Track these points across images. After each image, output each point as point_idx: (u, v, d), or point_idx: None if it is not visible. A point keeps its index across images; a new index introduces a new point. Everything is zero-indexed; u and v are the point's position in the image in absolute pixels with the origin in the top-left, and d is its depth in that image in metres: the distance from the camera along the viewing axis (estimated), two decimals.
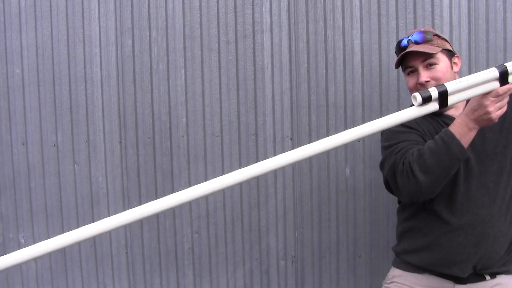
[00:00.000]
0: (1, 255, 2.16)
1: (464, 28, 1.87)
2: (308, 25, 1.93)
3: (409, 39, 1.42)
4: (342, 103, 1.94)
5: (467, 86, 1.17)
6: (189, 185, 2.02)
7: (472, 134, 1.25)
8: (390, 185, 1.40)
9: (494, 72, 1.18)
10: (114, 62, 2.01)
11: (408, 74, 1.45)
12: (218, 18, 1.97)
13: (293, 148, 1.96)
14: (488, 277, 1.40)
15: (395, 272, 1.52)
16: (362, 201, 1.95)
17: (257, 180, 1.99)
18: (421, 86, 1.38)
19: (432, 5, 1.87)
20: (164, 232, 2.04)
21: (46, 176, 2.06)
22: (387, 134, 1.46)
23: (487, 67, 1.86)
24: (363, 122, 1.91)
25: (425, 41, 1.40)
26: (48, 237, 2.07)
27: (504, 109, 1.22)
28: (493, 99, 1.18)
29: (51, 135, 2.05)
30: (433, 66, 1.39)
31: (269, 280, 2.02)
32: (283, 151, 1.96)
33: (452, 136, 1.25)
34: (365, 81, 1.92)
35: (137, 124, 2.01)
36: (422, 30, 1.44)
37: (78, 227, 2.06)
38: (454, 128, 1.26)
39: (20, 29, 2.04)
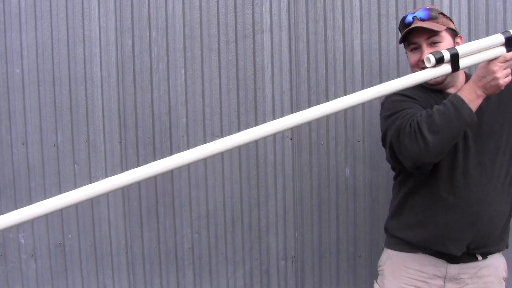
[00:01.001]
0: (1, 255, 2.17)
1: (464, 28, 1.87)
2: (308, 25, 1.93)
3: (414, 16, 1.41)
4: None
5: (475, 49, 1.21)
6: (189, 185, 2.02)
7: (479, 101, 1.27)
8: (394, 149, 1.36)
9: (500, 37, 1.22)
10: (114, 62, 2.01)
11: (411, 50, 1.44)
12: (218, 18, 1.97)
13: (293, 148, 1.96)
14: (480, 257, 1.41)
15: (388, 253, 1.53)
16: (362, 201, 1.96)
17: (257, 180, 1.99)
18: (422, 63, 1.38)
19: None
20: (164, 232, 2.04)
21: (46, 176, 2.06)
22: (389, 104, 1.45)
23: None
24: (363, 122, 1.93)
25: (430, 19, 1.40)
26: (48, 237, 2.09)
27: (510, 77, 1.24)
28: (501, 64, 1.21)
29: (51, 135, 2.05)
30: (436, 44, 1.39)
31: (269, 280, 2.02)
32: (283, 151, 1.97)
33: (461, 99, 1.25)
34: (365, 81, 1.92)
35: (137, 124, 2.01)
36: (428, 7, 1.43)
37: (78, 227, 2.07)
38: (462, 93, 1.27)
39: (20, 29, 2.04)
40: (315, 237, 1.98)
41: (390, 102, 1.45)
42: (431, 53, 1.19)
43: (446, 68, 1.21)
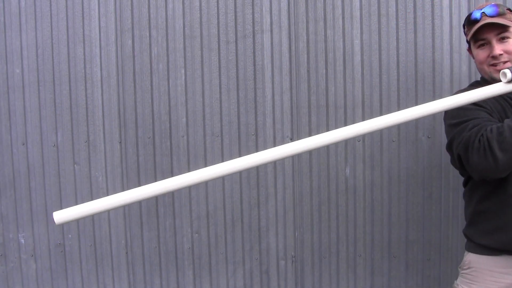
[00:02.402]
0: (1, 255, 2.18)
1: None
2: (308, 25, 1.93)
3: (482, 12, 1.40)
4: (342, 103, 1.94)
5: None
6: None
7: None
8: (463, 162, 1.37)
9: None
10: (114, 62, 2.01)
11: (479, 47, 1.43)
12: (218, 18, 1.97)
13: None
14: None
15: (470, 257, 1.50)
16: (362, 201, 1.95)
17: (257, 180, 1.99)
18: (493, 59, 1.39)
19: (432, 5, 1.87)
20: (164, 232, 2.04)
21: (46, 176, 2.06)
22: (453, 112, 1.43)
23: None
24: None
25: (498, 15, 1.39)
26: (48, 237, 2.09)
27: None
28: None
29: (51, 135, 2.06)
30: (506, 40, 1.38)
31: (269, 280, 2.02)
32: None
33: None
34: (365, 81, 1.92)
35: (137, 124, 2.01)
36: (495, 3, 1.42)
37: (78, 227, 2.07)
38: None
39: (20, 29, 2.04)
40: (315, 237, 1.98)
41: (455, 110, 1.42)
42: (508, 68, 1.15)
43: None
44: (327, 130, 1.94)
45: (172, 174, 2.01)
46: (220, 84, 1.98)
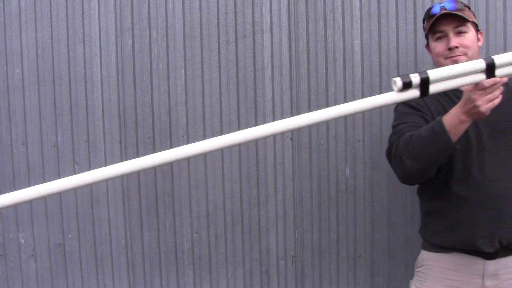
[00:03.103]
0: (1, 255, 2.17)
1: None
2: (308, 25, 1.93)
3: (442, 6, 1.42)
4: (342, 103, 1.93)
5: (451, 75, 1.13)
6: (189, 185, 2.02)
7: (464, 126, 1.25)
8: None
9: (480, 64, 1.14)
10: (114, 62, 2.01)
11: (436, 39, 1.45)
12: (218, 18, 1.97)
13: (293, 148, 1.96)
14: None
15: (423, 255, 1.53)
16: (362, 201, 1.95)
17: (257, 180, 1.99)
18: (449, 52, 1.40)
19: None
20: (164, 232, 2.04)
21: (46, 176, 2.06)
22: (395, 114, 1.48)
23: None
24: (363, 123, 1.93)
25: (457, 10, 1.41)
26: (48, 237, 2.09)
27: (496, 101, 1.19)
28: (480, 92, 1.16)
29: (51, 135, 2.05)
30: (463, 34, 1.40)
31: (269, 280, 2.02)
32: (283, 151, 1.97)
33: (442, 128, 1.25)
34: (365, 81, 1.92)
35: (137, 124, 2.01)
36: (455, 0, 1.44)
37: (78, 227, 2.07)
38: (447, 119, 1.26)
39: (20, 29, 2.04)
40: (315, 237, 1.98)
41: (396, 112, 1.48)
42: (399, 76, 1.13)
43: (413, 93, 1.12)
44: (327, 129, 1.94)
45: (172, 174, 2.01)
46: (220, 84, 1.98)
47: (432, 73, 1.12)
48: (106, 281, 2.09)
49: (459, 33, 1.41)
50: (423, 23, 1.53)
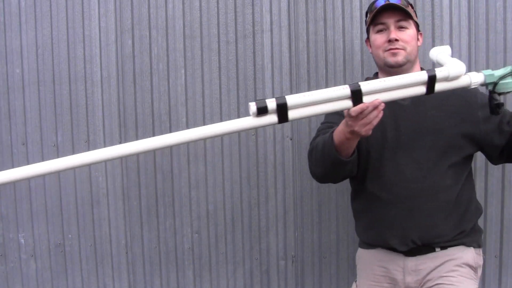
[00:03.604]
0: (1, 255, 2.18)
1: (464, 28, 1.87)
2: (308, 25, 1.93)
3: (386, 0, 1.39)
4: None
5: (313, 100, 1.08)
6: (189, 185, 2.02)
7: (352, 142, 1.25)
8: None
9: (345, 90, 1.09)
10: (114, 62, 2.01)
11: (377, 32, 1.42)
12: (218, 18, 1.97)
13: (293, 148, 1.96)
14: (438, 249, 1.40)
15: (358, 252, 1.60)
16: None
17: (257, 180, 1.99)
18: (389, 44, 1.37)
19: (432, 5, 1.87)
20: (164, 232, 2.04)
21: (46, 176, 2.06)
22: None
23: (487, 67, 1.86)
24: None
25: (401, 4, 1.39)
26: (48, 237, 2.09)
27: (375, 121, 1.14)
28: (352, 119, 1.13)
29: (51, 135, 2.05)
30: (403, 29, 1.39)
31: (269, 280, 2.02)
32: (283, 151, 1.97)
33: (331, 143, 1.27)
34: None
35: (137, 124, 2.01)
36: None
37: (78, 227, 2.07)
38: (336, 134, 1.26)
39: (20, 29, 2.04)
40: (315, 237, 1.98)
41: None
42: (255, 100, 1.09)
43: (271, 119, 1.07)
44: None
45: (172, 174, 2.01)
46: (220, 84, 1.98)
47: (291, 99, 1.07)
48: (106, 281, 2.09)
49: (400, 27, 1.38)
50: (366, 16, 1.49)
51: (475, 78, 1.18)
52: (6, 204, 2.10)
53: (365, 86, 1.11)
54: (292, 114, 1.08)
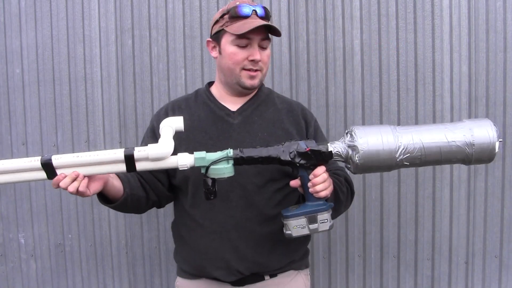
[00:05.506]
0: (1, 255, 2.17)
1: (464, 28, 1.87)
2: (308, 25, 1.93)
3: (254, 10, 1.25)
4: (342, 103, 1.94)
5: (11, 169, 1.12)
6: None
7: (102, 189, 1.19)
8: None
9: (36, 162, 1.12)
10: (114, 62, 2.01)
11: (237, 45, 1.25)
12: None
13: None
14: (267, 277, 1.33)
15: (177, 281, 1.43)
16: (361, 201, 1.95)
17: None
18: (250, 63, 1.26)
19: (432, 5, 1.87)
20: (164, 232, 2.04)
21: None
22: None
23: (487, 67, 1.86)
24: (363, 122, 1.93)
25: (267, 18, 1.27)
26: (48, 237, 2.09)
27: (70, 189, 1.12)
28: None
29: (51, 135, 2.06)
30: (264, 49, 1.28)
31: None
32: None
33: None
34: (365, 81, 1.92)
35: (137, 124, 2.01)
36: (263, 6, 1.28)
37: (78, 227, 2.07)
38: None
39: (20, 29, 2.04)
40: (315, 237, 1.98)
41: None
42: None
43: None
44: (327, 130, 1.94)
45: None
46: None
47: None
48: (107, 281, 2.09)
49: (262, 47, 1.27)
50: (220, 16, 1.28)
51: (183, 160, 1.09)
52: (6, 204, 2.10)
53: (55, 160, 1.14)
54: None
